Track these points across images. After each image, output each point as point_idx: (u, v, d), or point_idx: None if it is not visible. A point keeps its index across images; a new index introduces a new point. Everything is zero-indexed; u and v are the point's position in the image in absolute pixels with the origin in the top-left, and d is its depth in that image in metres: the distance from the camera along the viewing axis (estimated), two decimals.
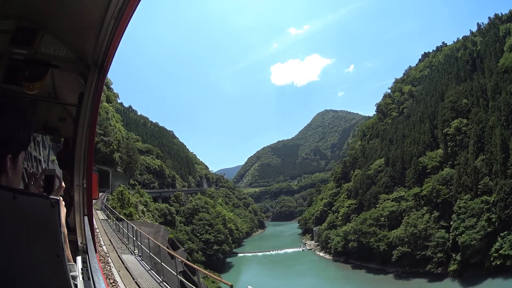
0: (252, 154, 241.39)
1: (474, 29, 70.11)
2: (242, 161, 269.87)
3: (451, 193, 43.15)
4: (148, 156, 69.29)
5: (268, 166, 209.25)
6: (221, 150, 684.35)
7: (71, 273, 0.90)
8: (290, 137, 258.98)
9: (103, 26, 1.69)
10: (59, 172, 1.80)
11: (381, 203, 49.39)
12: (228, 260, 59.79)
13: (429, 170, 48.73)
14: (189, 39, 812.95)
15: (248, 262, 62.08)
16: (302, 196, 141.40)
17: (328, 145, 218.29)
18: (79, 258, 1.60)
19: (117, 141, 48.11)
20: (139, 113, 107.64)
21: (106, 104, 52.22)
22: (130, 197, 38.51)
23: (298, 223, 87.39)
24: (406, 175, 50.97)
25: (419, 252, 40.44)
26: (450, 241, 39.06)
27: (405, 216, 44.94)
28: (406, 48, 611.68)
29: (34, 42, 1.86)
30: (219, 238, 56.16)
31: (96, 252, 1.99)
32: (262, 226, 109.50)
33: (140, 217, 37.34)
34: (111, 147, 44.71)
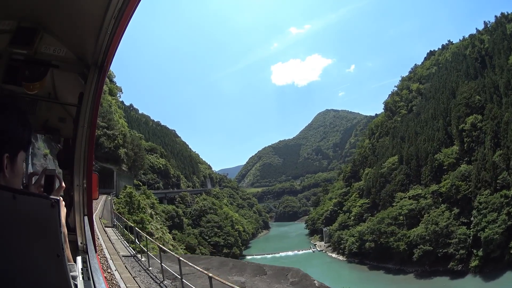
0: (253, 154, 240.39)
1: (477, 27, 70.93)
2: (242, 161, 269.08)
3: (470, 189, 42.52)
4: (152, 155, 66.55)
5: (270, 166, 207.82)
6: (221, 150, 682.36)
7: (71, 273, 0.89)
8: (291, 137, 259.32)
9: (103, 26, 1.67)
10: (59, 172, 1.77)
11: (398, 202, 48.14)
12: None
13: (445, 167, 47.88)
14: (189, 39, 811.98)
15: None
16: (305, 196, 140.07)
17: (330, 145, 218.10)
18: (79, 258, 1.59)
19: (122, 135, 43.43)
20: (140, 112, 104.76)
21: (109, 97, 47.83)
22: (140, 200, 34.02)
23: (305, 223, 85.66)
24: (422, 172, 50.02)
25: (441, 250, 39.64)
26: (471, 237, 38.72)
27: (424, 214, 43.86)
28: (405, 48, 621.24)
29: (34, 42, 1.84)
30: (229, 241, 53.76)
31: (96, 252, 1.92)
32: (266, 226, 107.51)
33: (149, 222, 33.88)
34: (116, 141, 39.91)
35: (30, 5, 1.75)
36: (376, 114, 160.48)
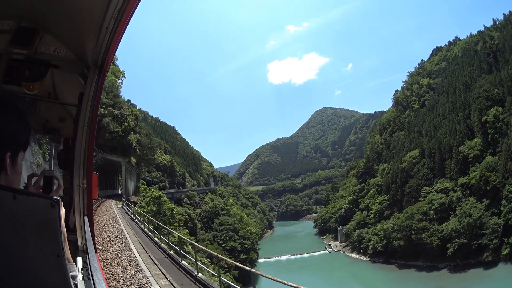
0: (251, 153, 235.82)
1: (485, 24, 72.23)
2: (239, 160, 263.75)
3: (498, 180, 41.93)
4: (156, 150, 60.13)
5: (268, 164, 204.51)
6: (218, 148, 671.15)
7: (71, 273, 0.91)
8: (289, 135, 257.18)
9: (103, 26, 1.69)
10: (59, 172, 1.73)
11: (425, 197, 46.26)
12: None
13: (470, 159, 46.87)
14: (185, 36, 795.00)
15: (274, 269, 55.11)
16: (307, 194, 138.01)
17: (328, 143, 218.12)
18: (79, 258, 1.61)
19: (134, 116, 34.75)
20: (138, 108, 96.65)
21: (112, 77, 38.99)
22: (173, 208, 24.49)
23: (314, 222, 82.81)
24: (446, 165, 48.76)
25: (475, 242, 38.64)
26: (501, 226, 38.40)
27: (456, 207, 42.49)
28: (401, 47, 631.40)
29: (34, 42, 1.85)
30: (245, 245, 48.73)
31: (96, 252, 1.90)
32: (270, 226, 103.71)
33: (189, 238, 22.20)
34: (126, 124, 31.02)
35: (30, 5, 1.73)
36: (375, 112, 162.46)
